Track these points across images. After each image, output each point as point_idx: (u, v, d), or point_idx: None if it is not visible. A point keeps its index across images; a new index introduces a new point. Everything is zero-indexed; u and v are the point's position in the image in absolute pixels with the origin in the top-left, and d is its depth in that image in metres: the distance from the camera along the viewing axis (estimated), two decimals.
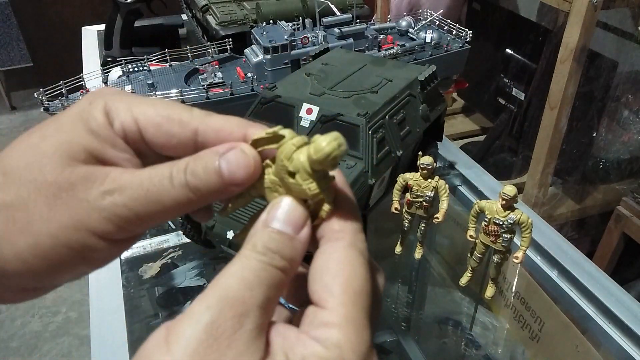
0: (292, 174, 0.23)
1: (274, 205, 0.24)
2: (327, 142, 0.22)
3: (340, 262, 0.23)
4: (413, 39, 1.16)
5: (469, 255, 0.79)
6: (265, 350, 0.21)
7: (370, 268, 0.24)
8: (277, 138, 0.24)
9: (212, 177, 0.24)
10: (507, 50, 1.61)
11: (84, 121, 0.25)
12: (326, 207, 0.24)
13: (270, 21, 1.09)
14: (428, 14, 1.22)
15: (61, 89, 0.95)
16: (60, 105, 0.94)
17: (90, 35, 1.71)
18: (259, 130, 0.25)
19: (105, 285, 0.79)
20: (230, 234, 0.65)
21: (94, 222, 0.23)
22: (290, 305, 0.27)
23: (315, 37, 1.03)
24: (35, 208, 0.23)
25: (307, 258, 0.24)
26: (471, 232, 0.75)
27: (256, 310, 0.21)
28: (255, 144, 0.25)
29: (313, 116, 0.72)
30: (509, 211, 0.69)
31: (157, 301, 0.83)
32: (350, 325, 0.21)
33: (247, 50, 1.07)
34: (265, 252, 0.22)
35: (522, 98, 1.55)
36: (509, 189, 0.68)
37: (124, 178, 0.24)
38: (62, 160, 0.24)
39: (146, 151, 0.26)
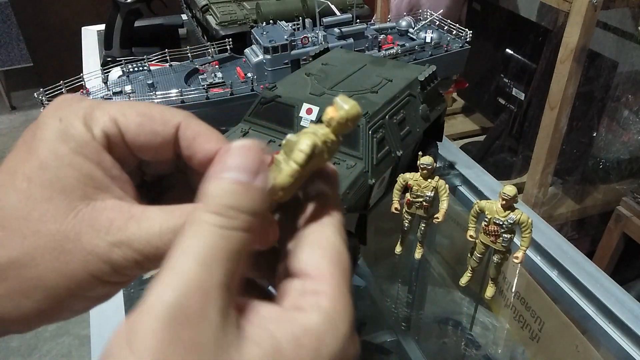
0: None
1: (224, 152, 0.21)
2: (346, 102, 0.24)
3: (330, 240, 0.22)
4: (413, 39, 1.16)
5: (469, 255, 0.79)
6: (239, 335, 0.18)
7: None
8: None
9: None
10: (507, 50, 1.61)
11: (63, 140, 0.23)
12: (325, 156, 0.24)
13: (270, 21, 1.08)
14: (428, 14, 1.22)
15: (61, 89, 0.95)
16: None
17: (90, 35, 1.71)
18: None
19: None
20: None
21: (99, 271, 0.22)
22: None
23: (315, 37, 1.03)
24: (45, 263, 0.22)
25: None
26: (471, 232, 0.75)
27: (219, 291, 0.18)
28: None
29: (313, 116, 0.72)
30: (509, 211, 0.69)
31: None
32: (341, 296, 0.21)
33: (247, 50, 1.07)
34: (221, 210, 0.19)
35: (522, 98, 1.55)
36: (509, 189, 0.68)
37: (130, 230, 0.23)
38: (59, 203, 0.22)
39: (126, 157, 0.25)
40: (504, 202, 0.69)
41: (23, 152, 0.23)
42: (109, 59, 1.34)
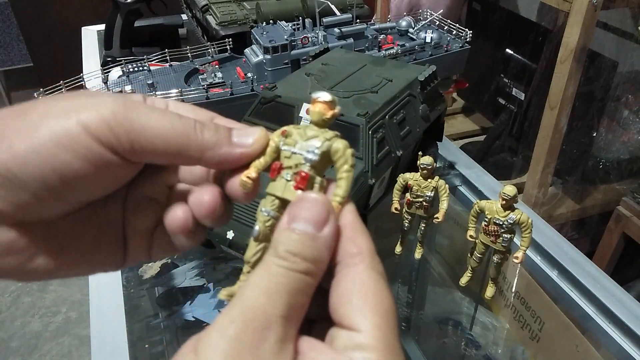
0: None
1: (293, 204, 0.23)
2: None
3: (366, 285, 0.22)
4: (413, 39, 1.16)
5: (469, 255, 0.79)
6: None
7: None
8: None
9: (220, 131, 0.25)
10: (507, 50, 1.61)
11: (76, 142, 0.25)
12: (340, 193, 0.24)
13: (270, 21, 1.08)
14: (428, 14, 1.22)
15: (61, 89, 0.95)
16: None
17: (90, 35, 1.71)
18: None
19: (105, 285, 0.79)
20: (230, 234, 0.65)
21: (91, 120, 0.23)
22: None
23: (315, 37, 1.03)
24: (39, 105, 0.23)
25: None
26: (471, 232, 0.75)
27: (279, 321, 0.20)
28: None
29: None
30: (509, 211, 0.69)
31: (157, 301, 0.83)
32: (387, 348, 0.21)
33: (247, 50, 1.07)
34: (287, 257, 0.22)
35: (522, 98, 1.55)
36: (509, 189, 0.68)
37: (141, 101, 0.25)
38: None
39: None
40: (504, 202, 0.69)
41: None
42: (109, 59, 1.34)
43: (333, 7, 1.12)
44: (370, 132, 0.70)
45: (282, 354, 0.20)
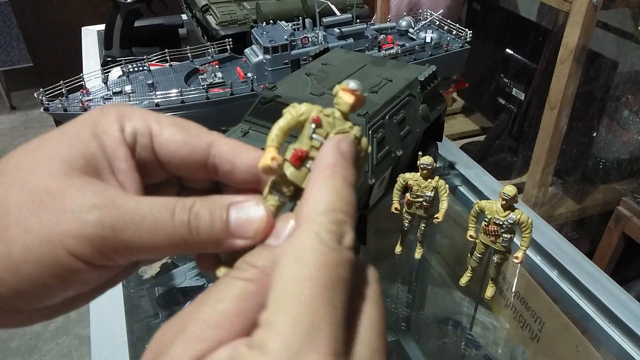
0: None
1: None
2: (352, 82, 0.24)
3: (289, 253, 0.19)
4: (413, 39, 1.16)
5: (469, 255, 0.79)
6: None
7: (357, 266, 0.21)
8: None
9: (216, 224, 0.22)
10: (507, 50, 1.61)
11: (91, 125, 0.24)
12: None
13: (270, 21, 1.08)
14: (428, 14, 1.22)
15: (61, 89, 0.95)
16: (60, 105, 0.94)
17: (90, 35, 1.71)
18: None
19: None
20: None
21: (72, 239, 0.21)
22: None
23: (315, 37, 1.03)
24: (17, 214, 0.21)
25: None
26: (471, 232, 0.75)
27: (196, 327, 0.19)
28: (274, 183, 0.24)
29: None
30: (509, 211, 0.69)
31: (157, 301, 0.83)
32: (292, 328, 0.17)
33: (247, 50, 1.07)
34: (239, 265, 0.21)
35: (522, 98, 1.55)
36: (509, 189, 0.68)
37: (121, 198, 0.22)
38: (58, 166, 0.22)
39: (150, 164, 0.25)
40: (504, 202, 0.69)
41: (64, 125, 0.25)
42: (109, 59, 1.34)
43: (333, 7, 1.12)
44: (370, 132, 0.70)
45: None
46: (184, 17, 1.58)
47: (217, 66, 1.08)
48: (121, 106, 0.25)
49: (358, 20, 1.12)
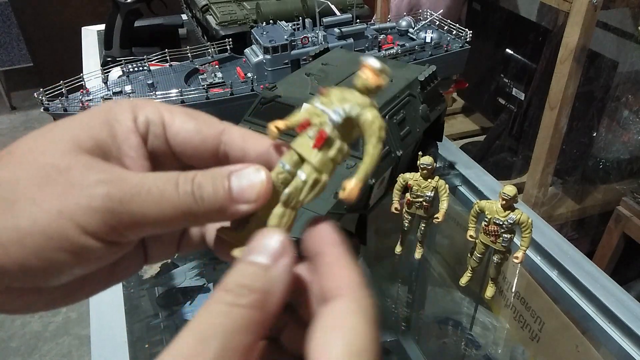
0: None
1: (253, 239, 0.22)
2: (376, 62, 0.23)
3: (339, 320, 0.20)
4: (413, 39, 1.16)
5: (469, 255, 0.79)
6: None
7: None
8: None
9: (219, 191, 0.23)
10: (507, 50, 1.61)
11: (103, 113, 0.24)
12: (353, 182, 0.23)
13: (270, 21, 1.09)
14: (428, 14, 1.22)
15: (61, 89, 0.95)
16: (60, 105, 0.94)
17: (90, 35, 1.71)
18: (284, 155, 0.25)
19: None
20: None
21: (81, 212, 0.21)
22: None
23: (315, 37, 1.03)
24: (25, 188, 0.21)
25: None
26: (471, 232, 0.75)
27: None
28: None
29: None
30: (509, 211, 0.69)
31: (157, 301, 0.83)
32: None
33: (247, 50, 1.07)
34: (233, 289, 0.20)
35: (522, 98, 1.55)
36: (509, 189, 0.68)
37: (127, 173, 0.22)
38: (67, 146, 0.22)
39: (163, 154, 0.25)
40: (504, 202, 0.69)
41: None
42: (109, 59, 1.34)
43: (333, 7, 1.12)
44: None
45: None
46: (184, 17, 1.58)
47: (217, 66, 1.08)
48: (134, 99, 0.26)
49: (358, 20, 1.12)
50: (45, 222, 0.21)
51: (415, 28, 1.17)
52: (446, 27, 1.19)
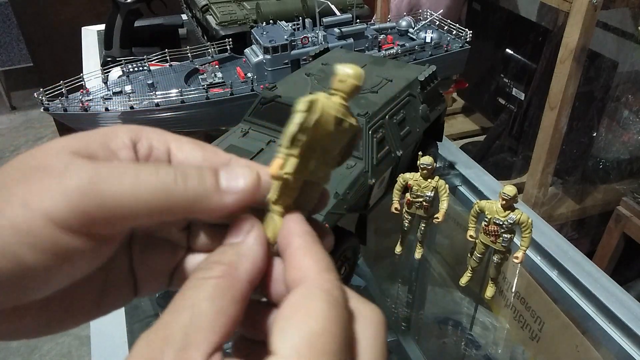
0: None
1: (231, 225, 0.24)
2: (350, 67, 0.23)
3: (297, 304, 0.20)
4: (413, 39, 1.16)
5: (469, 255, 0.79)
6: None
7: (350, 314, 0.21)
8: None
9: (205, 178, 0.22)
10: (507, 50, 1.61)
11: (103, 130, 0.24)
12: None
13: (270, 21, 1.09)
14: (428, 14, 1.22)
15: (61, 89, 0.95)
16: (60, 105, 0.94)
17: (90, 35, 1.71)
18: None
19: None
20: None
21: (49, 200, 0.19)
22: None
23: (315, 37, 1.03)
24: (2, 188, 0.20)
25: None
26: (471, 232, 0.75)
27: (179, 333, 0.19)
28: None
29: None
30: (509, 211, 0.69)
31: (157, 301, 0.83)
32: None
33: (247, 50, 1.07)
34: (204, 267, 0.21)
35: (522, 98, 1.55)
36: (509, 189, 0.68)
37: (103, 162, 0.22)
38: (57, 151, 0.22)
39: None
40: (504, 202, 0.69)
41: None
42: (109, 59, 1.34)
43: (333, 7, 1.12)
44: (370, 132, 0.70)
45: None
46: (184, 17, 1.58)
47: (217, 66, 1.08)
48: (140, 126, 0.25)
49: (358, 20, 1.12)
50: (11, 215, 0.19)
51: (415, 28, 1.17)
52: (446, 27, 1.19)
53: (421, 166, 0.74)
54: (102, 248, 0.22)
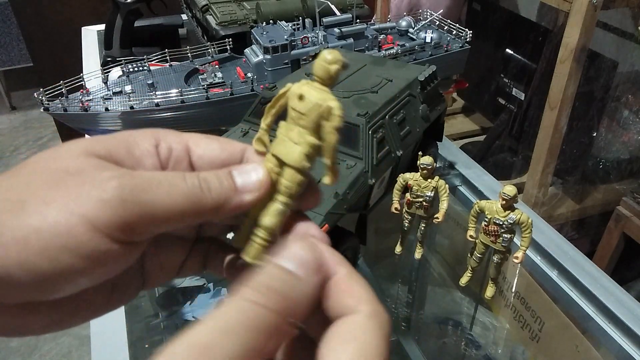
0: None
1: (284, 245, 0.22)
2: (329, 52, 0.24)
3: (354, 332, 0.20)
4: (413, 39, 1.16)
5: (469, 255, 0.79)
6: None
7: None
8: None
9: (224, 182, 0.24)
10: (507, 50, 1.61)
11: (124, 135, 0.25)
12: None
13: (270, 21, 1.08)
14: (428, 14, 1.22)
15: (61, 89, 0.95)
16: (60, 105, 0.94)
17: (90, 35, 1.71)
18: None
19: None
20: (230, 235, 0.65)
21: (91, 206, 0.20)
22: None
23: (315, 37, 1.03)
24: (35, 189, 0.20)
25: None
26: (471, 232, 0.75)
27: None
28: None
29: None
30: (509, 211, 0.69)
31: (156, 301, 0.83)
32: None
33: (247, 50, 1.07)
34: (261, 290, 0.19)
35: (522, 98, 1.55)
36: (509, 189, 0.68)
37: (138, 171, 0.23)
38: (79, 153, 0.22)
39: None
40: (504, 202, 0.69)
41: None
42: (109, 59, 1.34)
43: (333, 7, 1.12)
44: (370, 132, 0.70)
45: None
46: (184, 17, 1.58)
47: (217, 66, 1.08)
48: (157, 129, 0.26)
49: (358, 20, 1.12)
50: (53, 219, 0.20)
51: (415, 28, 1.17)
52: (446, 27, 1.19)
53: (421, 166, 0.74)
54: (133, 252, 0.22)
